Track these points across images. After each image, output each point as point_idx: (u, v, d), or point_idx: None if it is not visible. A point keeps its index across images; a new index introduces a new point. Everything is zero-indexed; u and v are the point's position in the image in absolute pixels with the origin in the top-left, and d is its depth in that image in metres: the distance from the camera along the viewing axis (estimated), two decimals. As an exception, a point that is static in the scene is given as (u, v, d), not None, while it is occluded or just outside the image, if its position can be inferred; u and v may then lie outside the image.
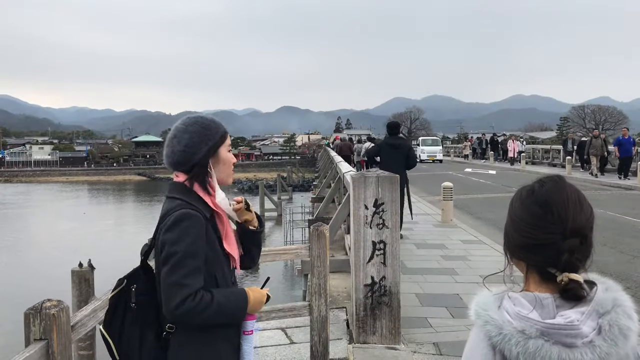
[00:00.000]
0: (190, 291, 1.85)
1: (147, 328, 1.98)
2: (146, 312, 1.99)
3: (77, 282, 5.41)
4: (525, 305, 1.15)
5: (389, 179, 4.83)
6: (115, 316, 2.01)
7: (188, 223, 1.90)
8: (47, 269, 18.90)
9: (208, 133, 2.04)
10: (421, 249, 9.20)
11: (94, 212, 39.65)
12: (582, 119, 71.99)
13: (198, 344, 1.96)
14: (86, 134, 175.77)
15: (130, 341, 1.98)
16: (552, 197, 1.20)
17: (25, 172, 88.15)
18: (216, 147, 2.05)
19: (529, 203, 1.23)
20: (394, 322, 4.79)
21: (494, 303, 1.18)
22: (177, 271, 1.86)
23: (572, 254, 1.15)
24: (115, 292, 2.02)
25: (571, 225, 1.17)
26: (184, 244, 1.87)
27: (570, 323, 1.09)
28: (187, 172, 2.03)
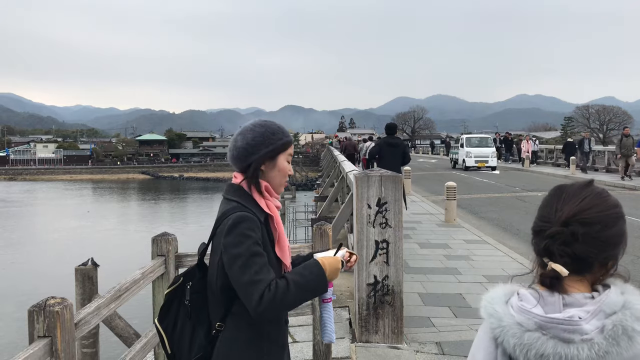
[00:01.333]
0: (264, 285, 1.87)
1: (198, 325, 2.05)
2: (199, 309, 2.05)
3: (81, 280, 5.42)
4: (530, 300, 1.17)
5: (392, 179, 4.83)
6: (170, 311, 2.08)
7: (246, 225, 1.93)
8: (51, 267, 18.96)
9: (272, 137, 2.07)
10: (424, 249, 9.19)
11: (97, 210, 39.74)
12: (586, 119, 71.77)
13: (243, 344, 2.00)
14: (90, 132, 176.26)
15: (182, 336, 2.05)
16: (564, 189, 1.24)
17: (29, 171, 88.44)
18: (276, 152, 2.07)
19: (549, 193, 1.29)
20: (397, 321, 4.79)
21: (502, 298, 1.21)
22: (247, 271, 1.89)
23: (555, 242, 1.17)
24: (171, 288, 2.09)
25: (561, 214, 1.19)
26: (245, 245, 1.91)
27: (570, 318, 1.10)
28: (243, 172, 2.07)
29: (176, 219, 33.63)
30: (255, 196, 2.03)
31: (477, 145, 29.53)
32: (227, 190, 2.09)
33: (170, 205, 44.04)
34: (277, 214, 2.08)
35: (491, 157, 28.69)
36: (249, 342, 2.00)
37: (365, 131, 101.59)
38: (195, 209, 40.53)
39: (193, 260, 4.34)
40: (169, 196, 52.90)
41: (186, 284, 2.07)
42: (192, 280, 2.08)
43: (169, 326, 2.07)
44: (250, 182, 2.04)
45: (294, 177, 54.68)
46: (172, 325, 2.06)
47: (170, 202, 46.72)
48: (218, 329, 2.01)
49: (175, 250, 4.23)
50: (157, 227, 25.51)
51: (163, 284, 4.17)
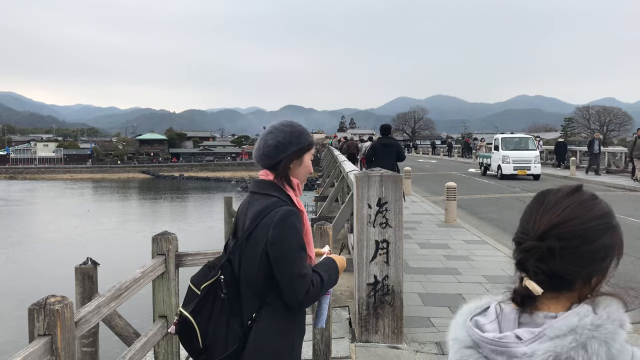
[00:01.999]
0: (309, 279, 2.07)
1: (233, 317, 2.12)
2: (233, 302, 2.13)
3: (81, 278, 5.43)
4: (490, 314, 1.10)
5: (392, 179, 4.83)
6: (206, 305, 2.12)
7: (294, 219, 2.09)
8: (51, 266, 18.96)
9: (299, 137, 2.22)
10: (424, 249, 9.19)
11: (98, 209, 39.75)
12: (586, 120, 71.83)
13: (277, 333, 2.13)
14: (91, 131, 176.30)
15: (217, 329, 2.11)
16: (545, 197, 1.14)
17: (29, 170, 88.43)
18: (303, 151, 2.22)
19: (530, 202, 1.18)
20: (397, 321, 4.79)
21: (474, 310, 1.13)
22: (295, 264, 2.05)
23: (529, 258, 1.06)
24: (209, 282, 2.14)
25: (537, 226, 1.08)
26: (294, 238, 2.07)
27: (500, 339, 1.02)
28: (272, 169, 2.20)
29: (176, 219, 33.64)
30: (289, 192, 2.19)
31: (515, 147, 23.87)
32: (260, 186, 2.21)
33: (171, 205, 44.05)
34: (304, 210, 2.23)
35: (534, 163, 23.02)
36: (283, 332, 2.14)
37: (366, 131, 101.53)
38: (195, 208, 40.54)
39: (194, 259, 4.34)
40: (169, 195, 52.91)
41: (221, 277, 2.14)
42: (224, 274, 2.15)
43: (203, 320, 2.11)
44: (282, 179, 2.19)
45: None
46: (206, 319, 2.11)
47: (171, 202, 46.73)
48: (254, 320, 2.11)
49: (176, 249, 4.23)
50: (158, 226, 25.53)
51: (163, 283, 4.17)
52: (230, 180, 71.40)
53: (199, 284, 2.17)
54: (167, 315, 4.18)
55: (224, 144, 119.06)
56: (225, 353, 2.09)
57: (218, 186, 64.36)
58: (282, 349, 2.14)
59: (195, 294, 2.16)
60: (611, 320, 0.99)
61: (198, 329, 2.11)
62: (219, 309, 2.12)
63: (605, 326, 0.98)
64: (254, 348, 2.09)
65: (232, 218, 21.46)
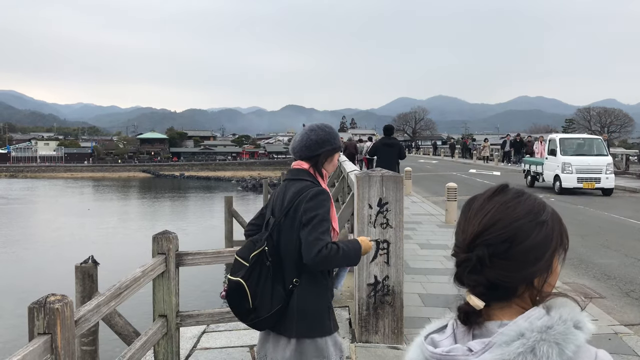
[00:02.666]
0: (324, 243, 2.44)
1: (277, 282, 2.55)
2: (276, 269, 2.56)
3: (81, 277, 5.42)
4: (447, 331, 1.06)
5: (393, 179, 4.82)
6: (254, 272, 2.55)
7: (324, 197, 2.57)
8: (51, 264, 18.97)
9: (335, 137, 2.76)
10: (425, 249, 9.19)
11: (98, 208, 39.76)
12: (587, 121, 71.79)
13: (315, 296, 2.57)
14: (91, 130, 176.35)
15: (264, 292, 2.52)
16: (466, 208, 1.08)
17: (30, 168, 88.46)
18: (335, 150, 2.75)
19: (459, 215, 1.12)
20: (397, 321, 4.78)
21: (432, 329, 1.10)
22: (316, 229, 2.47)
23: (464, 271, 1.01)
24: (256, 252, 2.56)
25: (466, 236, 1.03)
26: (321, 211, 2.51)
27: (447, 353, 0.98)
28: (308, 160, 2.69)
29: (177, 218, 33.64)
30: (319, 179, 2.68)
31: (579, 151, 18.25)
32: (295, 173, 2.71)
33: (171, 204, 44.05)
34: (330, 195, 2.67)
35: (605, 173, 17.36)
36: (320, 294, 2.59)
37: (366, 131, 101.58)
38: (196, 207, 40.54)
39: (194, 258, 4.34)
40: (170, 195, 52.90)
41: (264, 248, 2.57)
42: (268, 246, 2.57)
43: (252, 284, 2.53)
44: (317, 169, 2.69)
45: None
46: (255, 283, 2.53)
47: (171, 201, 46.73)
48: (295, 284, 2.55)
49: (176, 249, 4.23)
50: (158, 226, 25.53)
51: (163, 282, 4.16)
52: (231, 179, 71.38)
53: (244, 255, 2.60)
54: (167, 315, 4.18)
55: (225, 144, 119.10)
56: (270, 312, 2.50)
57: (218, 185, 64.35)
58: (322, 309, 2.57)
59: (241, 264, 2.58)
60: (563, 320, 0.93)
61: (249, 291, 2.52)
62: (265, 275, 2.54)
63: (556, 327, 0.92)
64: (297, 307, 2.52)
65: (232, 217, 21.26)
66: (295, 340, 2.53)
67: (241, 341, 5.15)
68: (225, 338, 5.24)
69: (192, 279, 14.74)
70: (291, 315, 2.52)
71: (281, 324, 2.54)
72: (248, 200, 42.41)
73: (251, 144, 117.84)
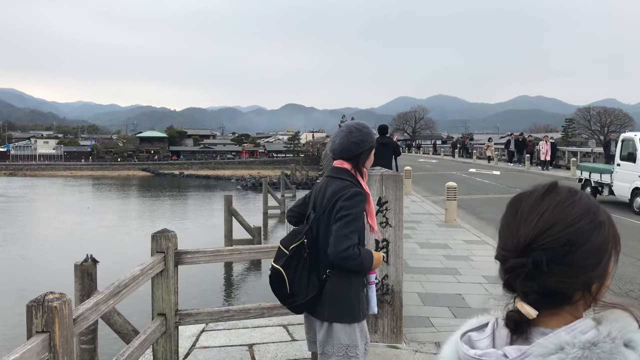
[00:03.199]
0: (351, 243, 2.66)
1: (312, 272, 2.81)
2: (313, 260, 2.82)
3: (80, 276, 5.42)
4: (487, 330, 1.00)
5: (393, 178, 4.81)
6: (293, 261, 2.82)
7: (360, 197, 2.76)
8: (50, 263, 18.96)
9: (371, 136, 2.93)
10: (424, 249, 9.18)
11: (98, 206, 39.75)
12: (587, 121, 71.70)
13: (346, 285, 2.78)
14: (91, 128, 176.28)
15: (301, 280, 2.80)
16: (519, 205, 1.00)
17: (30, 166, 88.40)
18: (372, 148, 2.92)
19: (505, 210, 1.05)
20: (396, 321, 4.78)
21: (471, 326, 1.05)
22: (347, 227, 2.67)
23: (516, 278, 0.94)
24: (296, 244, 2.84)
25: (520, 240, 0.95)
26: (355, 210, 2.71)
27: (481, 357, 0.93)
28: (349, 160, 2.86)
29: (176, 216, 33.62)
30: (359, 178, 2.87)
31: None
32: (337, 172, 2.88)
33: (171, 203, 44.03)
34: (369, 192, 2.90)
35: None
36: (351, 283, 2.79)
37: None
38: (195, 206, 40.51)
39: (193, 257, 4.33)
40: (169, 193, 52.89)
41: (304, 240, 2.83)
42: (307, 239, 2.83)
43: (290, 272, 2.80)
44: (357, 169, 2.87)
45: (295, 176, 54.70)
46: (293, 271, 2.80)
47: (171, 200, 46.71)
48: (328, 275, 2.78)
49: (175, 247, 4.22)
50: (157, 224, 25.52)
51: (162, 281, 4.15)
52: (231, 178, 71.34)
53: (286, 245, 2.87)
54: (166, 313, 4.17)
55: (225, 142, 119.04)
56: (306, 298, 2.78)
57: (218, 184, 64.32)
58: (352, 297, 2.78)
59: (283, 252, 2.86)
60: (611, 337, 0.85)
61: (287, 278, 2.79)
62: (302, 265, 2.80)
63: (602, 345, 0.84)
64: (330, 295, 2.77)
65: (232, 216, 21.11)
66: (327, 323, 2.81)
67: (240, 340, 5.14)
68: (224, 337, 5.23)
69: (192, 278, 14.74)
70: (324, 301, 2.79)
71: (316, 308, 2.82)
72: (248, 199, 42.40)
73: (251, 142, 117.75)
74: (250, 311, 4.42)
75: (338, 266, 2.74)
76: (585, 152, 29.12)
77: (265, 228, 26.34)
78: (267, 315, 4.47)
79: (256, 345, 4.99)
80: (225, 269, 17.69)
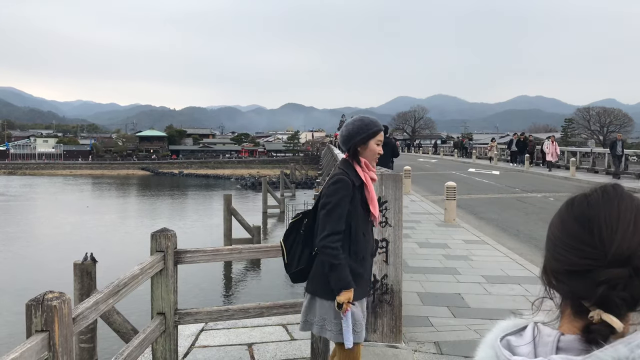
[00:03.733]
0: (329, 232, 2.87)
1: (306, 247, 3.09)
2: (308, 237, 3.09)
3: (79, 275, 5.43)
4: (526, 335, 0.97)
5: (392, 177, 4.81)
6: (291, 235, 3.12)
7: (341, 184, 2.93)
8: (49, 262, 18.95)
9: (365, 128, 3.02)
10: (423, 248, 9.18)
11: (97, 205, 39.74)
12: (587, 121, 71.78)
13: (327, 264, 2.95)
14: (90, 127, 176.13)
15: (295, 253, 3.10)
16: (595, 212, 0.94)
17: (29, 165, 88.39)
18: (367, 138, 3.02)
19: (567, 217, 0.97)
20: (395, 320, 4.78)
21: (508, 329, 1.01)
22: (327, 216, 2.89)
23: (613, 288, 0.88)
24: (294, 220, 3.15)
25: (615, 250, 0.89)
26: (334, 198, 2.90)
27: None
28: (347, 151, 3.08)
29: (175, 216, 33.62)
30: (356, 168, 3.02)
31: None
32: (339, 162, 3.15)
33: (170, 202, 44.03)
34: (369, 182, 3.06)
35: None
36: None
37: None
38: (195, 205, 40.52)
39: (192, 256, 4.33)
40: (169, 192, 52.89)
41: (304, 219, 3.10)
42: (307, 218, 3.10)
43: (288, 244, 3.12)
44: (354, 158, 3.04)
45: (294, 175, 54.73)
46: (290, 244, 3.12)
47: (170, 199, 46.71)
48: (316, 252, 2.99)
49: (175, 246, 4.22)
50: (157, 223, 25.52)
51: (162, 280, 4.15)
52: (230, 177, 71.35)
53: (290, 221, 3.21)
54: (166, 312, 4.17)
55: (224, 142, 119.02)
56: (295, 269, 3.09)
57: (217, 184, 64.33)
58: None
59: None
60: None
61: (284, 249, 3.12)
62: (297, 240, 3.10)
63: None
64: (315, 269, 3.03)
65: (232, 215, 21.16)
66: (309, 295, 3.08)
67: (239, 339, 5.14)
68: (223, 336, 5.23)
69: (191, 277, 14.74)
70: (311, 276, 3.08)
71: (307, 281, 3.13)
72: (247, 198, 42.41)
73: (250, 142, 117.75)
74: (250, 310, 4.43)
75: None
76: (584, 152, 29.11)
77: (264, 227, 26.35)
78: (266, 314, 4.48)
79: (255, 345, 4.99)
80: (224, 268, 17.70)
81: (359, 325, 3.04)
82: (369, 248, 3.14)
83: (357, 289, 2.95)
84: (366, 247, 3.09)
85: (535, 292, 6.63)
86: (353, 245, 2.98)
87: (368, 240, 3.13)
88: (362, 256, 3.04)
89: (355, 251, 3.00)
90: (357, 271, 2.99)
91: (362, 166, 3.02)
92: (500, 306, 5.96)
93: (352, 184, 2.94)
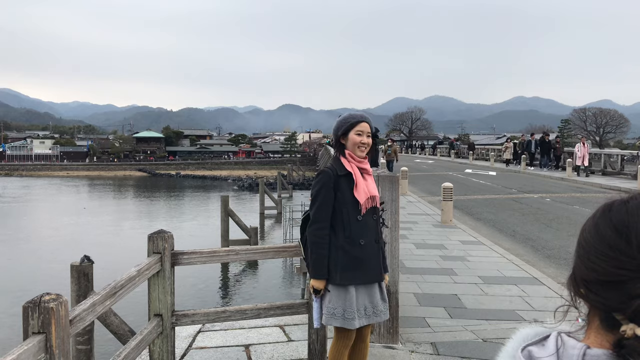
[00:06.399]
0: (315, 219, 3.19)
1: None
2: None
3: (77, 276, 5.42)
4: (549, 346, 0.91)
5: (389, 179, 4.83)
6: (303, 234, 3.39)
7: (320, 177, 3.24)
8: (46, 263, 18.91)
9: (343, 121, 3.30)
10: (420, 249, 9.20)
11: (94, 207, 39.65)
12: (583, 122, 72.00)
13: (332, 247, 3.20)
14: (87, 129, 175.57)
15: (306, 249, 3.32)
16: (635, 220, 0.88)
17: (26, 166, 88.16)
18: (346, 130, 3.26)
19: (602, 223, 0.91)
20: (392, 321, 4.79)
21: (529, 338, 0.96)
22: (311, 208, 3.23)
23: None
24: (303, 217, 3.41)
25: None
26: (314, 190, 3.23)
27: None
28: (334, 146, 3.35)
29: (173, 217, 33.57)
30: (342, 160, 3.26)
31: None
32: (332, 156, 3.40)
33: (167, 203, 43.96)
34: (356, 171, 3.24)
35: None
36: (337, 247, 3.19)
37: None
38: (191, 207, 40.46)
39: (190, 257, 4.33)
40: (166, 194, 52.81)
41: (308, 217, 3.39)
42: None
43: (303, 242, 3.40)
44: (340, 152, 3.29)
45: (291, 176, 54.69)
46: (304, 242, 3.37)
47: (167, 200, 46.65)
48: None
49: (172, 248, 4.22)
50: (154, 225, 25.49)
51: (159, 282, 4.16)
52: (227, 178, 71.27)
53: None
54: (163, 314, 4.17)
55: (221, 143, 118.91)
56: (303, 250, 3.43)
57: (215, 185, 64.26)
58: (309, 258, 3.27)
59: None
60: None
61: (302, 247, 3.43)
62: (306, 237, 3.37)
63: None
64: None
65: (229, 216, 21.11)
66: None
67: (237, 340, 5.15)
68: (220, 337, 5.23)
69: (188, 278, 14.73)
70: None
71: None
72: (244, 199, 42.37)
73: (247, 143, 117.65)
74: (247, 312, 4.43)
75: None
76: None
77: (261, 228, 26.33)
78: (263, 315, 4.48)
79: (252, 346, 5.00)
80: (222, 269, 17.69)
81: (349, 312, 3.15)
82: (368, 232, 3.22)
83: (357, 272, 3.16)
84: (362, 231, 3.19)
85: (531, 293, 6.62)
86: (347, 230, 3.17)
87: (365, 225, 3.22)
88: (360, 240, 3.17)
89: (348, 235, 3.17)
90: (354, 254, 3.16)
91: (347, 157, 3.24)
92: (496, 307, 5.98)
93: (334, 173, 3.19)
